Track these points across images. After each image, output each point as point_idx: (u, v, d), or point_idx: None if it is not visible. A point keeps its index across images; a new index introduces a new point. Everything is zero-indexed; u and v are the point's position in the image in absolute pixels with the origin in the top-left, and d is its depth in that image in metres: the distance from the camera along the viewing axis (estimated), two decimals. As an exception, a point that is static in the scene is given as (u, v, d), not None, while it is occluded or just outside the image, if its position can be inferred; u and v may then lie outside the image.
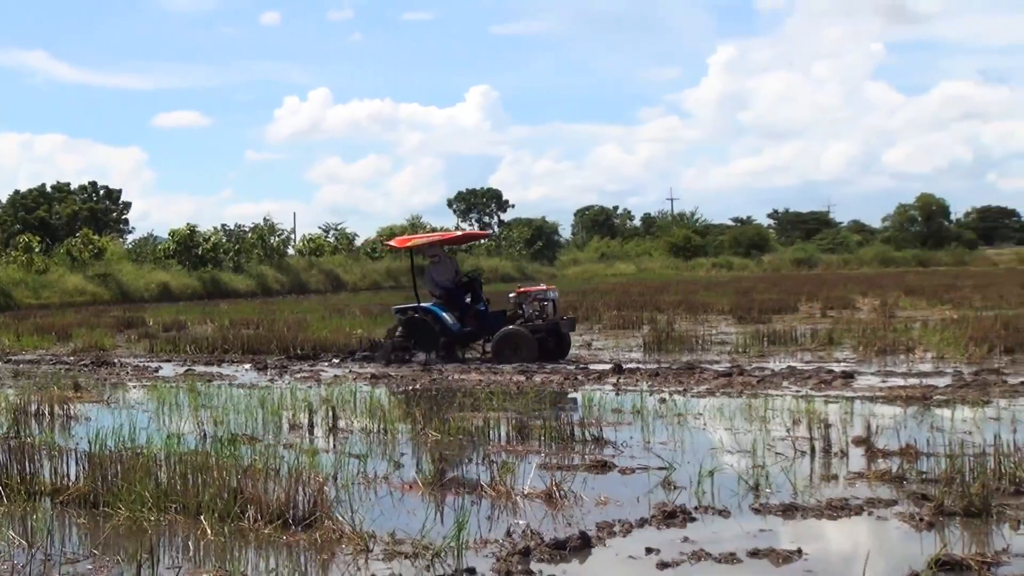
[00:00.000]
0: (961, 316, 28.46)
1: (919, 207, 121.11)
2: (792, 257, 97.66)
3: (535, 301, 22.35)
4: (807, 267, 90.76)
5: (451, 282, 22.74)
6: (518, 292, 22.84)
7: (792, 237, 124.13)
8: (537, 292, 22.75)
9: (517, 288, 23.21)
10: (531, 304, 22.28)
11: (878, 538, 8.54)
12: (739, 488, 9.97)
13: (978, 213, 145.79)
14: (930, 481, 9.97)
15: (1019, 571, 7.37)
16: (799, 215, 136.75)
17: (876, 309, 33.75)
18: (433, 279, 22.83)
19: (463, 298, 22.70)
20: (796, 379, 17.44)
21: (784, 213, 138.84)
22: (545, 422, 12.84)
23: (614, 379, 18.28)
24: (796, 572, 7.64)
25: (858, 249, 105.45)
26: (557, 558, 7.97)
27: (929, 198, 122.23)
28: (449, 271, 23.06)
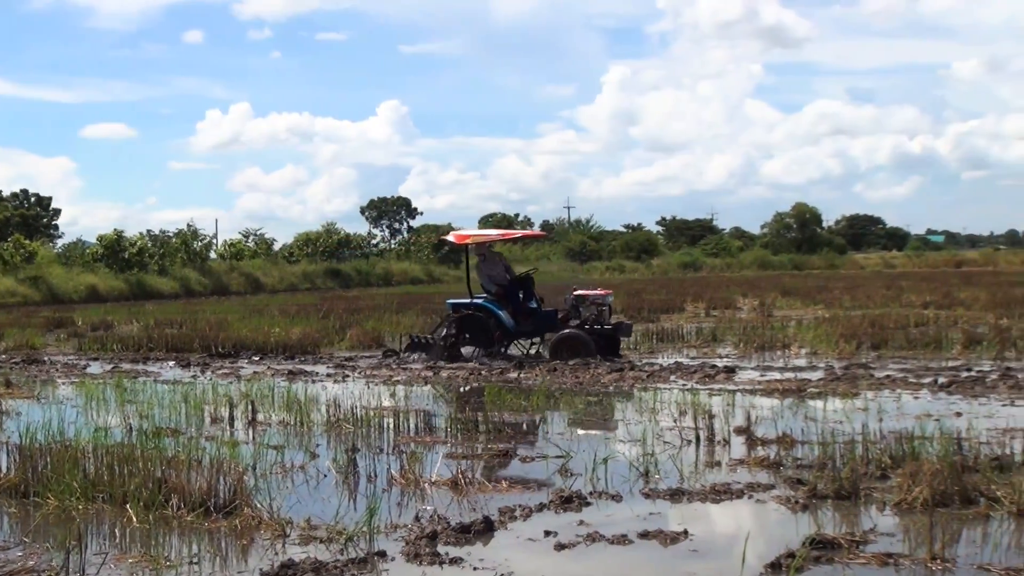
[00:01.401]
0: (832, 315, 28.85)
1: (794, 215, 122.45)
2: (679, 261, 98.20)
3: (593, 304, 21.16)
4: (693, 270, 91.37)
5: (504, 280, 21.72)
6: (575, 295, 21.54)
7: (679, 242, 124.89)
8: (595, 296, 21.49)
9: (572, 290, 22.03)
10: (588, 307, 21.12)
11: (757, 519, 8.61)
12: (630, 474, 10.00)
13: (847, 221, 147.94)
14: (804, 467, 10.07)
15: (884, 549, 7.46)
16: (685, 222, 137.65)
17: (755, 309, 34.05)
18: (487, 276, 21.72)
19: (517, 296, 21.63)
20: (683, 373, 17.55)
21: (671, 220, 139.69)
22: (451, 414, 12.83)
23: (515, 373, 18.29)
24: (682, 552, 7.69)
25: (739, 254, 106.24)
26: (462, 541, 7.95)
27: (803, 207, 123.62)
28: (501, 269, 22.01)
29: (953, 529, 8.03)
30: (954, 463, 8.99)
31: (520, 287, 21.68)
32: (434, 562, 7.46)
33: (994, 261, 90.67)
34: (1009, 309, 29.43)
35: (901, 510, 8.53)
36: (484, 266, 21.78)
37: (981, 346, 20.32)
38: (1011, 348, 19.77)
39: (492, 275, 21.62)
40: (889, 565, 7.17)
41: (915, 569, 7.09)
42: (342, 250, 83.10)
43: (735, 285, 52.06)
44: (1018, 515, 8.22)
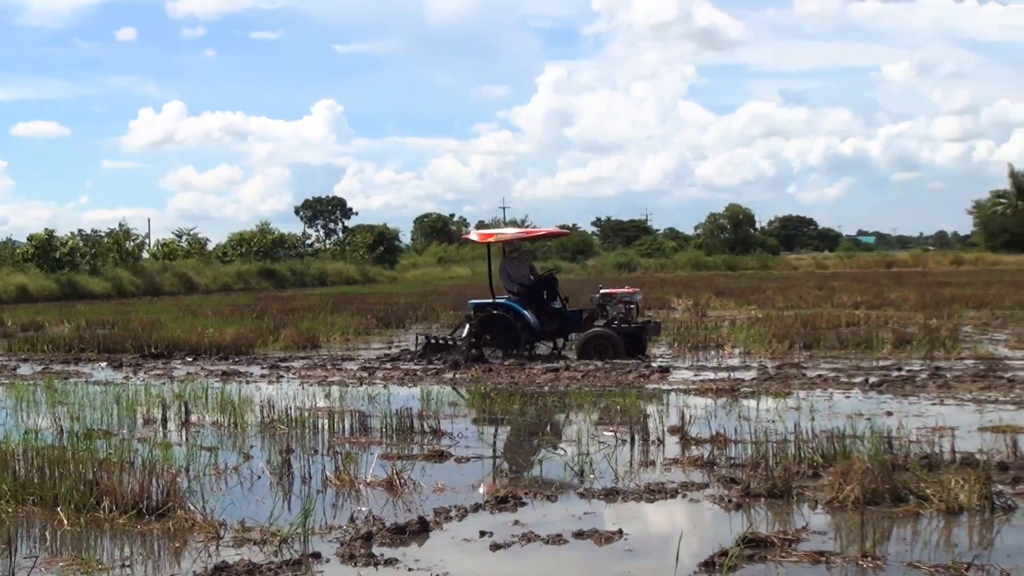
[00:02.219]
0: (765, 315, 29.06)
1: (728, 216, 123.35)
2: (614, 261, 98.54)
3: (621, 303, 20.76)
4: (627, 270, 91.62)
5: (527, 279, 21.25)
6: (602, 293, 21.10)
7: (614, 243, 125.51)
8: (623, 294, 21.10)
9: (600, 289, 21.57)
10: (616, 306, 20.71)
11: (691, 518, 8.66)
12: (566, 474, 10.03)
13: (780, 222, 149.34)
14: (738, 466, 10.14)
15: (816, 547, 7.53)
16: (620, 223, 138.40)
17: (689, 309, 34.26)
18: (509, 275, 21.25)
19: (542, 295, 21.20)
20: (617, 373, 17.61)
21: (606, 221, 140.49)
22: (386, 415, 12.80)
23: (451, 375, 18.29)
24: (617, 551, 7.71)
25: (673, 254, 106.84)
26: (397, 542, 7.93)
27: (737, 208, 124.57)
28: (525, 268, 21.58)
29: (884, 527, 8.12)
30: (884, 462, 9.08)
31: (543, 287, 21.33)
32: (369, 563, 7.43)
33: (923, 262, 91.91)
34: (938, 309, 29.86)
35: (833, 508, 8.61)
36: (509, 266, 21.36)
37: (911, 346, 20.56)
38: (940, 348, 20.02)
39: (516, 275, 21.21)
40: (821, 563, 7.23)
41: (846, 567, 7.15)
42: (276, 250, 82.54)
43: (669, 285, 52.34)
44: (947, 513, 8.33)
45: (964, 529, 8.07)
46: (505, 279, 21.26)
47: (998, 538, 7.82)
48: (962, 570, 6.92)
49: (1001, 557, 7.17)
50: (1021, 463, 9.78)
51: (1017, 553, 7.15)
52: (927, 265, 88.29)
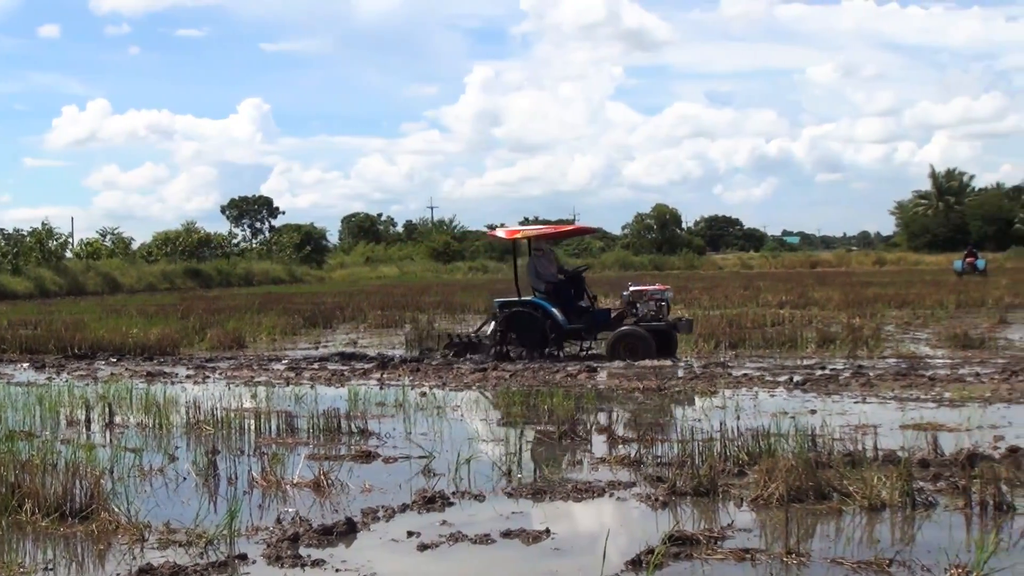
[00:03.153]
0: (692, 315, 29.23)
1: (655, 216, 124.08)
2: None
3: (651, 300, 20.28)
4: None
5: (554, 277, 20.82)
6: (632, 291, 20.58)
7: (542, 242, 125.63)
8: (654, 291, 20.54)
9: (629, 286, 20.93)
10: (646, 303, 20.25)
11: (619, 517, 8.69)
12: (493, 474, 10.03)
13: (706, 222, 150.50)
14: (665, 464, 10.18)
15: (741, 544, 7.59)
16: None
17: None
18: (537, 273, 20.82)
19: (570, 293, 20.80)
20: (545, 373, 17.64)
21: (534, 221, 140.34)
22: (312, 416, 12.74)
23: (378, 374, 18.23)
24: (545, 550, 7.73)
25: (600, 254, 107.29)
26: (324, 543, 7.89)
27: (664, 208, 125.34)
28: (552, 265, 21.16)
29: (808, 524, 8.20)
30: (808, 459, 9.17)
31: (571, 285, 20.95)
32: (296, 564, 7.39)
33: (847, 262, 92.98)
34: (861, 308, 30.22)
35: (758, 506, 8.69)
36: (537, 262, 20.96)
37: (835, 345, 20.79)
38: (863, 347, 20.26)
39: (544, 272, 20.83)
40: (746, 560, 7.29)
41: (771, 564, 7.22)
42: (202, 249, 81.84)
43: (597, 285, 52.33)
44: (869, 509, 8.43)
45: (886, 525, 8.18)
46: (533, 276, 20.86)
47: (919, 534, 7.94)
48: (884, 566, 7.01)
49: (922, 553, 7.27)
50: (941, 460, 9.92)
51: (937, 549, 7.25)
52: (850, 265, 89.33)
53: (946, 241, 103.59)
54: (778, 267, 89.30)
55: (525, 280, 21.10)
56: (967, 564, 6.71)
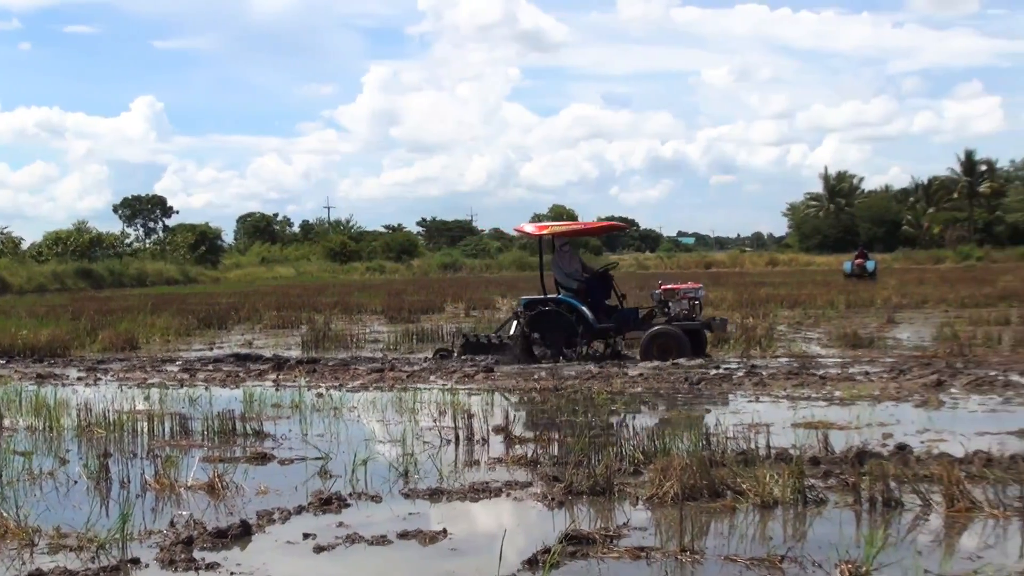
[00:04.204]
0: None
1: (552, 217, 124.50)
2: (439, 262, 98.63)
3: (684, 299, 19.69)
4: (452, 271, 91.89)
5: (580, 275, 20.21)
6: (664, 289, 19.95)
7: (439, 243, 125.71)
8: (687, 289, 19.94)
9: (660, 285, 20.37)
10: (679, 302, 19.64)
11: (515, 517, 8.71)
12: (390, 475, 10.00)
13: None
14: (561, 464, 10.21)
15: (637, 543, 7.64)
16: (445, 223, 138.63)
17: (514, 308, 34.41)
18: (563, 270, 20.25)
19: (598, 292, 20.23)
20: (442, 373, 17.63)
21: (431, 221, 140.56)
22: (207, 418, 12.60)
23: (274, 376, 18.08)
24: (442, 550, 7.72)
25: (498, 255, 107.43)
26: (219, 546, 7.80)
27: (560, 209, 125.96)
28: (576, 263, 20.55)
29: (702, 522, 8.28)
30: (703, 458, 9.26)
31: (599, 283, 20.39)
32: (190, 568, 7.30)
33: (740, 262, 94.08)
34: (754, 308, 30.62)
35: (653, 504, 8.75)
36: (562, 260, 20.45)
37: (728, 344, 21.02)
38: (756, 346, 20.52)
39: (569, 270, 20.31)
40: (641, 558, 7.34)
41: (666, 561, 7.27)
42: (94, 250, 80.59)
43: (494, 286, 52.67)
44: (762, 506, 8.54)
45: (779, 522, 8.29)
46: (559, 274, 20.31)
47: (810, 530, 8.05)
48: (776, 563, 7.10)
49: (813, 549, 7.38)
50: (832, 458, 10.08)
51: (828, 545, 7.35)
52: (744, 265, 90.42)
53: (837, 242, 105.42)
54: (673, 268, 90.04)
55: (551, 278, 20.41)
56: (857, 559, 6.82)
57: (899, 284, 42.97)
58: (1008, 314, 26.33)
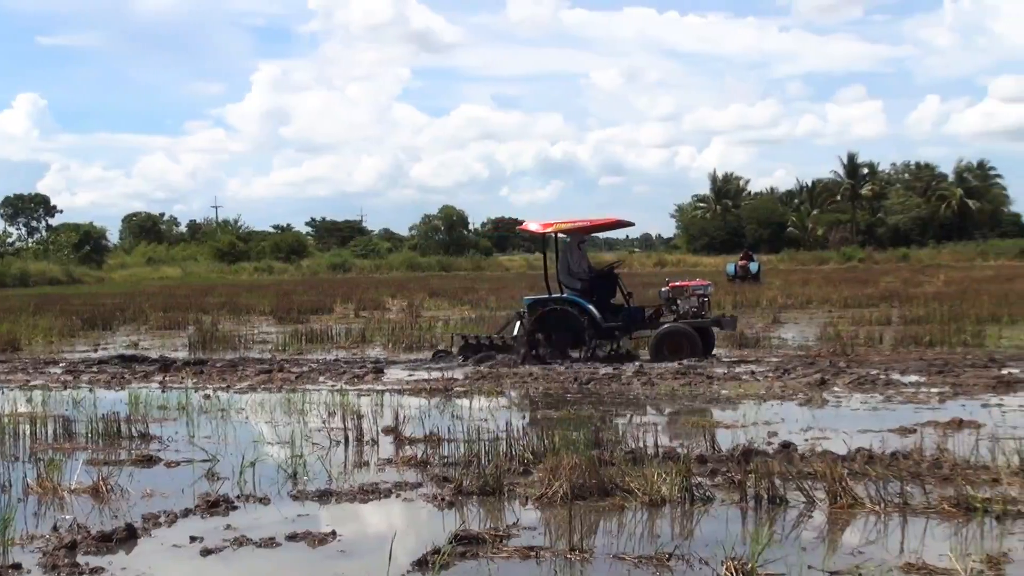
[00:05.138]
0: (478, 315, 29.50)
1: (442, 217, 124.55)
2: (329, 262, 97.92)
3: (693, 296, 19.44)
4: (342, 271, 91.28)
5: (586, 274, 19.87)
6: (671, 286, 19.68)
7: (328, 243, 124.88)
8: (696, 286, 19.73)
9: (668, 282, 20.12)
10: (688, 299, 19.38)
11: (405, 518, 8.69)
12: (279, 477, 9.92)
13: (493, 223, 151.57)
14: (451, 464, 10.22)
15: (527, 542, 7.66)
16: (335, 223, 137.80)
17: (404, 310, 34.39)
18: (570, 268, 19.88)
19: (604, 290, 19.77)
20: (332, 374, 17.54)
21: (321, 221, 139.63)
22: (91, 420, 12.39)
23: (160, 377, 17.83)
24: (331, 552, 7.68)
25: (388, 255, 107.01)
26: (104, 550, 7.68)
27: (451, 209, 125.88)
28: (584, 261, 20.17)
29: (591, 520, 8.33)
30: (592, 457, 9.32)
31: (605, 281, 20.02)
32: (74, 572, 7.16)
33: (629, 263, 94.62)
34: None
35: (542, 504, 8.79)
36: (570, 258, 20.03)
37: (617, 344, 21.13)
38: (645, 346, 20.65)
39: (576, 268, 19.94)
40: (531, 558, 7.37)
41: (555, 561, 7.30)
42: (-26, 249, 78.71)
43: (384, 286, 52.44)
44: (650, 505, 8.62)
45: (666, 520, 8.37)
46: (564, 273, 19.96)
47: (698, 528, 8.14)
48: (664, 560, 7.17)
49: (700, 546, 7.46)
50: (718, 456, 10.21)
51: (715, 542, 7.44)
52: (633, 266, 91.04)
53: (724, 243, 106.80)
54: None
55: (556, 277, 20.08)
56: (743, 556, 6.91)
57: (784, 285, 43.59)
58: (889, 314, 26.91)
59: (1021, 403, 13.47)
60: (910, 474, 9.23)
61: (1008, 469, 9.21)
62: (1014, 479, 8.93)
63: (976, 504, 8.16)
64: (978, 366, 16.77)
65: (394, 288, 48.89)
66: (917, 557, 7.15)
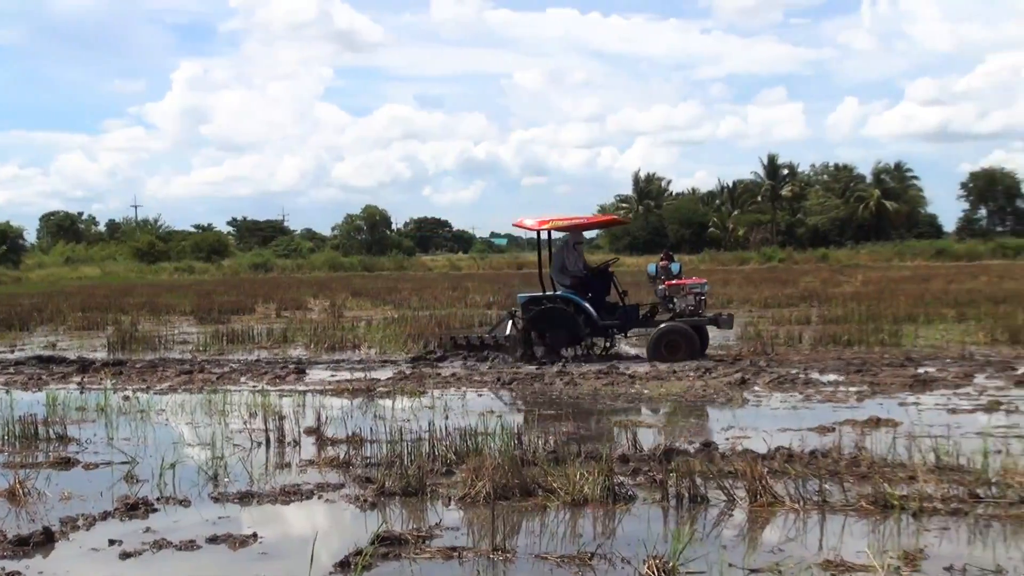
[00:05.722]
0: (401, 315, 29.42)
1: (365, 217, 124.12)
2: (250, 262, 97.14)
3: (690, 294, 19.23)
4: (264, 271, 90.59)
5: (581, 271, 19.56)
6: (668, 284, 19.42)
7: (250, 243, 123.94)
8: (693, 284, 19.49)
9: (661, 279, 19.79)
10: (684, 297, 19.17)
11: (328, 519, 8.66)
12: (199, 479, 9.84)
13: (415, 223, 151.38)
14: (374, 465, 10.19)
15: (449, 543, 7.66)
16: (256, 223, 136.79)
17: (326, 310, 34.24)
18: (565, 266, 19.57)
19: (599, 288, 19.47)
20: (253, 375, 17.42)
21: (242, 221, 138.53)
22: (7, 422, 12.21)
23: (79, 378, 17.60)
24: (252, 554, 7.62)
25: (310, 255, 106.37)
26: (20, 554, 7.57)
27: (373, 209, 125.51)
28: (580, 258, 19.81)
29: (514, 521, 8.35)
30: (515, 457, 9.34)
31: (600, 278, 19.73)
32: (-11, 578, 7.07)
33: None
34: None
35: (465, 504, 8.79)
36: (567, 255, 19.72)
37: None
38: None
39: (572, 267, 19.63)
40: (453, 558, 7.37)
41: (478, 561, 7.31)
42: None
43: (306, 286, 52.16)
44: (573, 505, 8.65)
45: (589, 520, 8.40)
46: (556, 270, 19.68)
47: (620, 527, 8.18)
48: (586, 560, 7.20)
49: (622, 545, 7.50)
50: (640, 456, 10.26)
51: (637, 541, 7.49)
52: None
53: (646, 243, 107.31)
54: (486, 268, 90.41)
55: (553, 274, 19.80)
56: (664, 555, 6.95)
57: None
58: (808, 314, 27.22)
59: (937, 401, 13.68)
60: (829, 472, 9.36)
61: (924, 466, 9.35)
62: (930, 476, 9.07)
63: (893, 501, 8.29)
64: (895, 365, 17.01)
65: (316, 288, 48.65)
66: (835, 554, 7.24)
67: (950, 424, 11.77)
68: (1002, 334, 20.88)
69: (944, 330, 22.96)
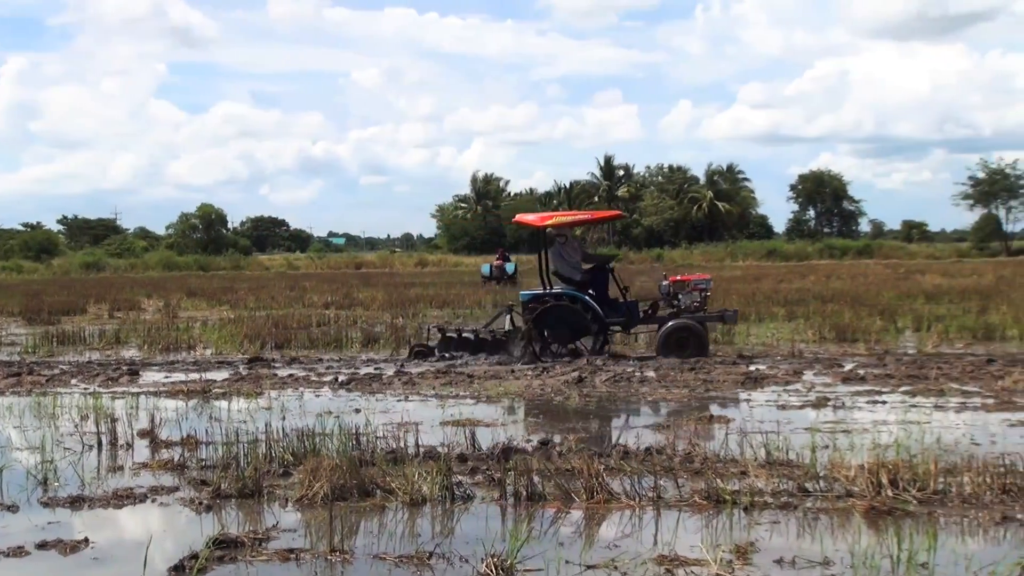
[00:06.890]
0: (237, 316, 29.07)
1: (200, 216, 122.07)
2: (81, 261, 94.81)
3: (695, 290, 18.89)
4: (96, 271, 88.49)
5: (581, 267, 19.17)
6: (672, 280, 19.15)
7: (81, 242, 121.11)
8: (698, 280, 19.13)
9: (668, 276, 19.55)
10: (689, 294, 18.83)
11: (162, 522, 8.51)
12: (28, 483, 9.59)
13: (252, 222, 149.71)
14: (209, 467, 10.06)
15: (287, 545, 7.60)
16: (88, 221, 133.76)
17: (161, 310, 33.64)
18: (567, 262, 19.16)
19: (603, 284, 19.04)
20: (85, 377, 17.03)
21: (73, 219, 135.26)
22: None
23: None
24: (84, 560, 7.46)
25: (144, 254, 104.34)
26: None
27: (209, 208, 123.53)
28: (578, 255, 19.39)
29: (352, 521, 8.32)
30: (352, 458, 9.32)
31: (600, 276, 19.26)
32: None
33: (390, 263, 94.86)
34: (403, 309, 30.98)
35: (303, 505, 8.73)
36: (565, 251, 19.20)
37: (379, 344, 21.19)
38: (405, 346, 20.73)
39: (573, 262, 19.15)
40: (291, 560, 7.31)
41: (315, 562, 7.27)
42: None
43: (140, 286, 51.11)
44: (411, 504, 8.65)
45: (427, 519, 8.41)
46: (561, 266, 19.28)
47: (458, 526, 8.21)
48: (425, 559, 7.21)
49: (461, 544, 7.53)
50: (478, 455, 10.31)
51: (475, 540, 7.52)
52: (394, 266, 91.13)
53: (484, 243, 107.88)
54: (324, 268, 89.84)
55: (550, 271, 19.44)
56: (502, 553, 7.00)
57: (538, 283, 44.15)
58: (643, 313, 27.56)
59: (768, 398, 14.02)
60: (663, 468, 9.53)
61: (755, 462, 9.58)
62: (760, 471, 9.30)
63: (725, 496, 8.47)
64: (728, 363, 17.37)
65: (150, 288, 47.74)
66: (670, 549, 7.37)
67: (780, 420, 12.06)
68: (829, 332, 21.51)
69: (774, 328, 23.54)
